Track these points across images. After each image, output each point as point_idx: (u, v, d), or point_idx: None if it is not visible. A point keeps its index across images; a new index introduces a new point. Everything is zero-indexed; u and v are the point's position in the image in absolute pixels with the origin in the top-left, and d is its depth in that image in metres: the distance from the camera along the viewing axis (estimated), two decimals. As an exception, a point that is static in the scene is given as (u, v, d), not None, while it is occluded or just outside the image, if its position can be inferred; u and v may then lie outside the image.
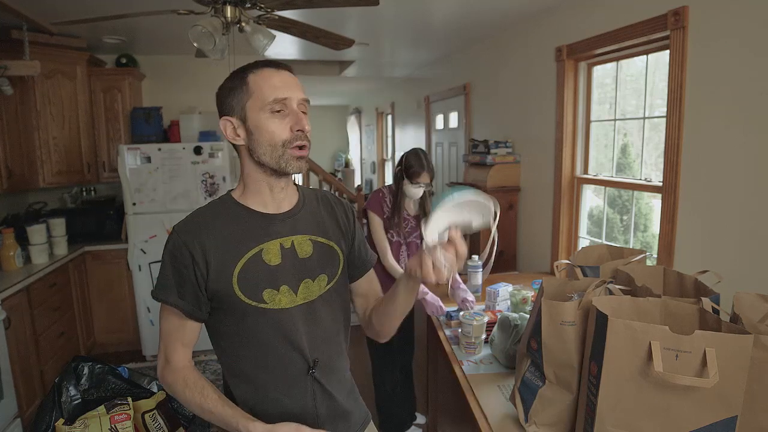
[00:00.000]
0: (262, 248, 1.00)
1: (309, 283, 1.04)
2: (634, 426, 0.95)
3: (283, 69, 1.00)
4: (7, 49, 2.92)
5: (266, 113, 0.96)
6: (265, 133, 0.97)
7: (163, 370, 1.01)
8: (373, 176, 8.05)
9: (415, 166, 2.26)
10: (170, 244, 0.97)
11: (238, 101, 0.97)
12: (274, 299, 0.99)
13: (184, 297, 0.97)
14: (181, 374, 0.99)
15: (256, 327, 0.99)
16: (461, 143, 4.29)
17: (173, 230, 0.98)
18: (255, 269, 0.98)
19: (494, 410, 1.36)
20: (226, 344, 1.03)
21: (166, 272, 0.97)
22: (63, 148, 3.40)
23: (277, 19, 2.15)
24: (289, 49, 4.09)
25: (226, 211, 1.02)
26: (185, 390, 0.97)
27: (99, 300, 3.54)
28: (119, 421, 1.69)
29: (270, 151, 0.97)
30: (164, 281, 0.97)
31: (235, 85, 0.98)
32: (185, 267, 0.96)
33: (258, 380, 1.02)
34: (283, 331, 1.00)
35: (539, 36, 2.93)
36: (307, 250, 1.05)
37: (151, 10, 2.03)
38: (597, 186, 2.70)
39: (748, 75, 1.67)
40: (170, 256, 0.97)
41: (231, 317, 0.99)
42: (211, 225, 0.99)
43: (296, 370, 1.03)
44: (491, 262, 0.98)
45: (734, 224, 1.75)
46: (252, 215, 1.02)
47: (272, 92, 0.96)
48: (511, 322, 1.62)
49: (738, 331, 0.92)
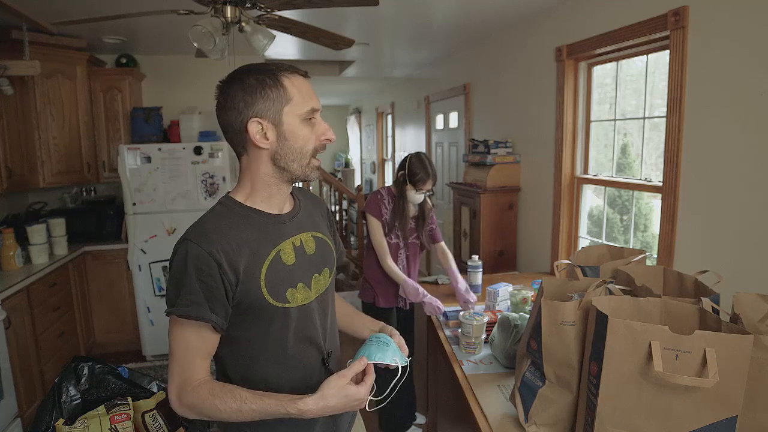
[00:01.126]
0: (280, 249, 1.01)
1: (317, 278, 1.07)
2: (634, 426, 0.95)
3: (307, 77, 1.02)
4: (7, 49, 2.92)
5: (300, 120, 0.98)
6: (300, 140, 0.98)
7: (180, 395, 0.94)
8: (373, 176, 8.05)
9: (420, 174, 2.27)
10: (191, 257, 0.91)
11: (274, 103, 0.95)
12: (295, 297, 1.01)
13: (215, 311, 0.92)
14: (204, 388, 0.93)
15: (280, 328, 1.00)
16: (461, 143, 4.30)
17: (189, 241, 0.93)
18: (277, 270, 0.99)
19: (494, 410, 1.36)
20: (243, 350, 1.01)
21: (192, 287, 0.91)
22: (63, 148, 3.40)
23: (277, 19, 2.15)
24: (289, 49, 4.09)
25: (237, 215, 1.00)
26: (215, 401, 0.90)
27: (99, 300, 3.54)
28: (119, 421, 1.69)
29: (299, 158, 0.99)
30: (192, 297, 0.91)
31: (269, 86, 0.95)
32: (213, 279, 0.91)
33: (273, 380, 1.02)
34: (303, 327, 1.03)
35: (539, 36, 2.93)
36: (312, 246, 1.08)
37: (151, 10, 2.03)
38: (597, 186, 2.70)
39: (748, 75, 1.67)
40: (195, 270, 0.91)
41: (256, 321, 0.98)
42: (227, 231, 0.96)
43: (313, 364, 1.07)
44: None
45: (734, 224, 1.75)
46: (263, 217, 1.02)
47: (309, 101, 0.98)
48: (511, 322, 1.62)
49: (738, 331, 0.92)
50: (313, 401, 0.87)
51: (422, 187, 2.29)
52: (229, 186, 3.48)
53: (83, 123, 3.51)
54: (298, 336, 1.03)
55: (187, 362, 0.95)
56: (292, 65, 1.00)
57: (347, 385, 0.90)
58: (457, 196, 3.64)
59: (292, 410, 0.88)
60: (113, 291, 3.56)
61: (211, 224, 0.97)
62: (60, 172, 3.40)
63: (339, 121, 9.94)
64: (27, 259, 2.96)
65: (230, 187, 3.46)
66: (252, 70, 0.97)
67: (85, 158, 3.55)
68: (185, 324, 0.93)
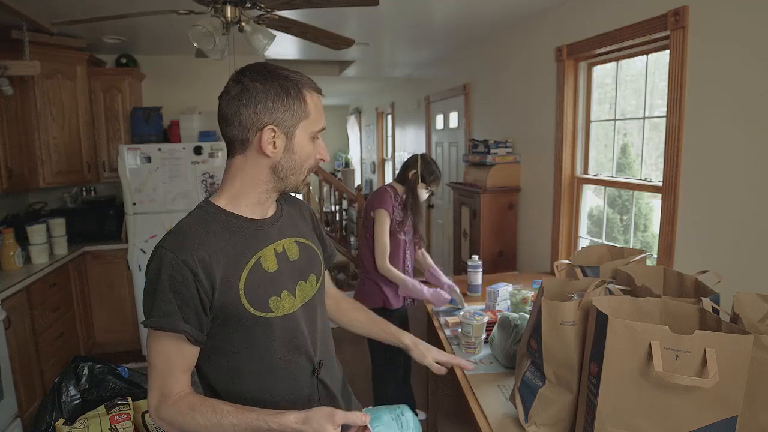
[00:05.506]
0: (260, 256, 0.98)
1: (303, 285, 1.04)
2: (634, 426, 0.95)
3: (322, 96, 1.03)
4: (7, 49, 2.92)
5: (309, 137, 0.99)
6: (303, 155, 0.99)
7: (159, 409, 0.91)
8: (373, 176, 8.05)
9: (435, 173, 2.38)
10: (165, 266, 0.89)
11: (293, 116, 0.95)
12: (279, 306, 0.98)
13: (189, 321, 0.89)
14: (184, 402, 0.90)
15: (264, 338, 0.97)
16: (461, 143, 4.30)
17: (164, 248, 0.90)
18: (258, 278, 0.96)
19: (494, 410, 1.36)
20: (227, 364, 0.97)
21: (165, 297, 0.88)
22: (63, 148, 3.40)
23: (277, 19, 2.15)
24: (289, 49, 4.09)
25: (215, 221, 0.96)
26: (194, 415, 0.88)
27: (99, 300, 3.54)
28: (119, 421, 1.69)
29: (298, 173, 1.00)
30: (165, 307, 0.88)
31: (293, 98, 0.94)
32: (187, 288, 0.88)
33: (262, 393, 0.98)
34: (290, 337, 1.00)
35: (539, 36, 2.93)
36: (295, 252, 1.05)
37: (151, 10, 2.03)
38: (597, 186, 2.70)
39: (748, 75, 1.67)
40: (168, 278, 0.88)
41: (238, 333, 0.95)
42: (204, 238, 0.93)
43: (303, 375, 1.03)
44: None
45: (734, 224, 1.75)
46: (243, 223, 0.98)
47: (321, 120, 1.00)
48: (511, 322, 1.62)
49: (738, 331, 0.92)
50: (295, 417, 0.83)
51: (433, 186, 2.37)
52: (229, 186, 3.47)
53: (83, 123, 3.51)
54: (286, 346, 0.99)
55: (166, 375, 0.92)
56: (313, 81, 1.00)
57: (332, 426, 0.82)
58: (457, 196, 3.64)
59: (273, 425, 0.84)
60: (113, 291, 3.56)
61: (187, 230, 0.94)
62: (60, 172, 3.40)
63: (339, 121, 9.94)
64: (27, 259, 2.96)
65: (230, 187, 3.46)
66: (278, 75, 0.95)
67: (85, 158, 3.55)
68: (161, 336, 0.90)
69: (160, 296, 0.89)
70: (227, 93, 0.95)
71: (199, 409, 0.88)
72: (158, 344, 0.92)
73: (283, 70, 0.97)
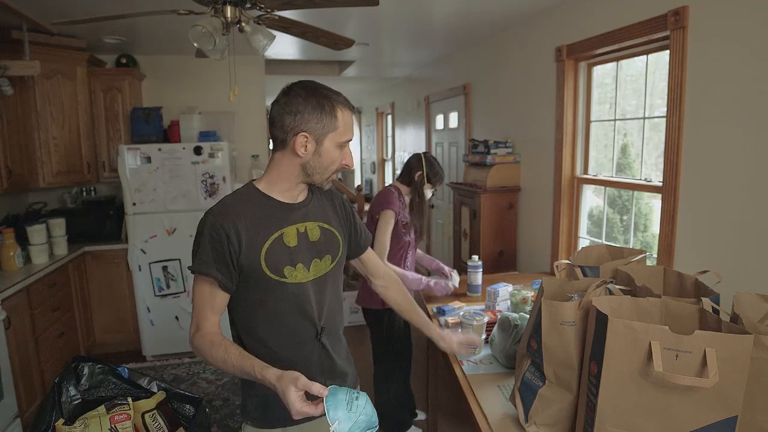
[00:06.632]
0: (283, 232, 1.19)
1: (317, 262, 1.24)
2: (634, 426, 0.95)
3: (354, 112, 1.23)
4: (7, 49, 2.92)
5: (336, 145, 1.18)
6: (329, 160, 1.19)
7: (193, 336, 1.16)
8: (373, 176, 8.05)
9: (440, 173, 2.41)
10: (207, 226, 1.13)
11: (323, 127, 1.15)
12: (292, 274, 1.19)
13: (221, 270, 1.13)
14: (209, 337, 1.13)
15: (275, 297, 1.18)
16: (461, 143, 4.30)
17: (208, 214, 1.15)
18: (278, 249, 1.18)
19: (494, 410, 1.36)
20: (246, 311, 1.20)
21: (205, 248, 1.13)
22: (63, 148, 3.40)
23: (277, 19, 2.15)
24: (289, 49, 4.09)
25: (252, 199, 1.20)
26: (211, 349, 1.10)
27: (99, 300, 3.54)
28: (119, 421, 1.69)
29: (323, 173, 1.21)
30: (203, 256, 1.13)
31: (326, 113, 1.14)
32: (221, 245, 1.12)
33: (270, 341, 1.21)
34: (298, 301, 1.20)
35: (539, 36, 2.93)
36: (316, 234, 1.25)
37: (151, 10, 2.03)
38: (597, 186, 2.70)
39: (748, 75, 1.67)
40: (209, 236, 1.13)
41: (255, 289, 1.17)
42: (240, 211, 1.16)
43: (306, 335, 1.23)
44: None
45: (734, 224, 1.75)
46: (275, 204, 1.21)
47: (348, 133, 1.20)
48: (511, 322, 1.62)
49: (738, 331, 0.92)
50: (273, 373, 1.00)
51: (438, 186, 2.41)
52: (229, 186, 3.48)
53: (83, 123, 3.51)
54: (294, 309, 1.21)
55: (200, 312, 1.16)
56: (348, 101, 1.20)
57: (294, 388, 0.95)
58: (457, 196, 3.64)
59: (258, 375, 1.02)
60: (113, 291, 3.55)
61: (230, 203, 1.18)
62: (60, 172, 3.40)
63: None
64: (27, 259, 2.96)
65: (230, 187, 3.47)
66: (318, 92, 1.15)
67: (85, 158, 3.55)
68: (200, 279, 1.15)
69: (202, 248, 1.14)
70: (277, 101, 1.17)
71: (216, 346, 1.10)
72: (198, 285, 1.17)
73: (325, 89, 1.17)
